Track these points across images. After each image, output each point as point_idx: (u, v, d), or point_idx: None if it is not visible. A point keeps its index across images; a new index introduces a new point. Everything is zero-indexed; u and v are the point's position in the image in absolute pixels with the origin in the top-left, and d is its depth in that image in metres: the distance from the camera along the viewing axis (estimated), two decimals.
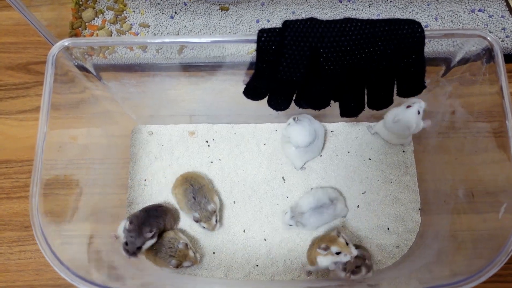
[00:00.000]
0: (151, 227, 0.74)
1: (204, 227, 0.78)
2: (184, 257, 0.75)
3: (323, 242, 0.72)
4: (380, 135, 0.86)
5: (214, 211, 0.78)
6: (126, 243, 0.72)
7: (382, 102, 0.66)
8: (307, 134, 0.80)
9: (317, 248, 0.72)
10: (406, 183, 0.84)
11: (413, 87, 0.62)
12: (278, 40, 0.56)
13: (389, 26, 0.55)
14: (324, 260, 0.71)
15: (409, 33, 0.55)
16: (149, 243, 0.74)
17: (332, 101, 0.68)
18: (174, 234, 0.77)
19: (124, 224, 0.74)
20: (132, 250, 0.72)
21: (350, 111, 0.68)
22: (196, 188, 0.79)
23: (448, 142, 0.76)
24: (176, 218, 0.82)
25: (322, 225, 0.81)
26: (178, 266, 0.74)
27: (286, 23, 0.55)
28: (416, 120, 0.74)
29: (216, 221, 0.78)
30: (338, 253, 0.70)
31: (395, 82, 0.62)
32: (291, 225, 0.79)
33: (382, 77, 0.60)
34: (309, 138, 0.80)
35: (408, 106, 0.75)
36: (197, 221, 0.78)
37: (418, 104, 0.74)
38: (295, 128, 0.80)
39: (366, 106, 0.68)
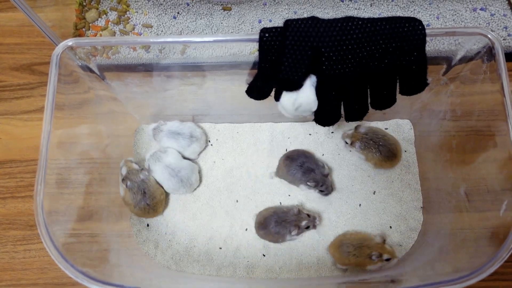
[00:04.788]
0: None
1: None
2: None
3: (372, 250, 0.74)
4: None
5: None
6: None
7: (385, 102, 0.66)
8: None
9: (372, 257, 0.74)
10: (408, 182, 0.84)
11: (415, 84, 0.62)
12: (280, 40, 0.56)
13: (390, 24, 0.55)
14: (374, 267, 0.75)
15: (410, 30, 0.55)
16: None
17: None
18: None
19: None
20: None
21: (355, 114, 0.68)
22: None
23: (449, 141, 0.76)
24: None
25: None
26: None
27: (288, 22, 0.56)
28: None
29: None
30: (388, 260, 0.74)
31: (398, 80, 0.62)
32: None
33: (384, 76, 0.60)
34: None
35: None
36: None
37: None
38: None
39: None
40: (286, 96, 0.64)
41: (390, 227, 0.81)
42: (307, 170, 0.80)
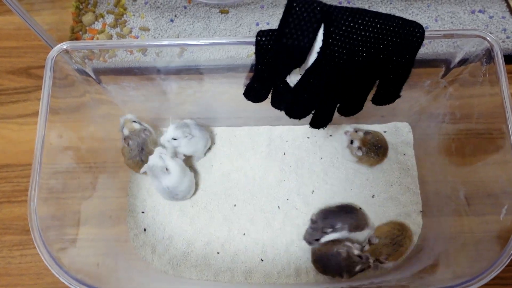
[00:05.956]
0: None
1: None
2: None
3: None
4: None
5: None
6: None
7: (356, 107, 0.66)
8: None
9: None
10: (407, 185, 0.84)
11: (391, 92, 0.62)
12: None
13: (394, 19, 0.54)
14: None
15: (410, 31, 0.54)
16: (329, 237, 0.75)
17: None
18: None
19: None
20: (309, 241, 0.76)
21: (322, 120, 0.67)
22: None
23: (449, 144, 0.76)
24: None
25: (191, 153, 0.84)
26: None
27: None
28: None
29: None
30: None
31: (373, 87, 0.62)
32: (173, 139, 0.81)
33: (369, 73, 0.59)
34: None
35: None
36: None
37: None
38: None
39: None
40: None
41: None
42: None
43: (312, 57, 0.54)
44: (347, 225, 0.75)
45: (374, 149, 0.81)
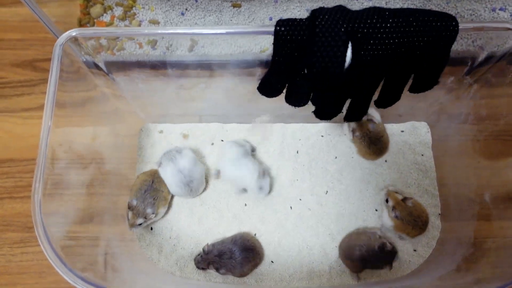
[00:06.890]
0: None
1: (128, 218, 0.76)
2: None
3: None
4: None
5: (149, 217, 0.76)
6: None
7: (393, 98, 0.64)
8: None
9: None
10: (425, 187, 0.81)
11: (429, 81, 0.60)
12: (305, 29, 0.52)
13: (423, 17, 0.52)
14: None
15: (443, 26, 0.52)
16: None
17: None
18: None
19: None
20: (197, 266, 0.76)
21: (358, 114, 0.66)
22: (153, 186, 0.78)
23: (470, 145, 0.73)
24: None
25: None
26: None
27: (315, 13, 0.52)
28: None
29: (138, 224, 0.75)
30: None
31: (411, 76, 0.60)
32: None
33: (405, 68, 0.57)
34: None
35: None
36: (129, 207, 0.77)
37: None
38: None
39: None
40: None
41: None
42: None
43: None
44: (234, 269, 0.73)
45: (368, 138, 0.80)
